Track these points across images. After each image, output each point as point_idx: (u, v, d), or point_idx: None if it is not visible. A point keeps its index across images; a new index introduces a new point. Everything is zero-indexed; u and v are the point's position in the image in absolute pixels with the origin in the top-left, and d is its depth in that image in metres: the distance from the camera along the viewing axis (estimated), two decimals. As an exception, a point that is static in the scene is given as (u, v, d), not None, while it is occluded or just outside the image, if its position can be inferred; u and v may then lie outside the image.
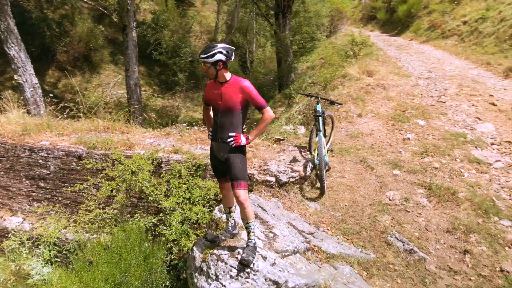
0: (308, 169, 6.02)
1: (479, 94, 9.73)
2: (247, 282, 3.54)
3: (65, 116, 7.48)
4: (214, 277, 3.70)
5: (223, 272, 3.67)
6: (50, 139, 6.64)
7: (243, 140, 3.66)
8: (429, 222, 5.51)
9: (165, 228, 5.13)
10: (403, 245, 5.00)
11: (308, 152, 6.64)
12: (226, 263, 3.73)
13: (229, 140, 3.65)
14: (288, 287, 3.64)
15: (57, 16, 14.82)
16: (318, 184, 6.11)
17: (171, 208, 5.14)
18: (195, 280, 3.91)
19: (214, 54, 3.49)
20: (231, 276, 3.63)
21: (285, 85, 13.87)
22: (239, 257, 3.77)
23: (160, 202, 5.28)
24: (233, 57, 3.68)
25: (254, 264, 3.69)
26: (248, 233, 3.78)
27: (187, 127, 7.06)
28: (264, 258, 3.87)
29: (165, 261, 4.38)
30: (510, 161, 6.92)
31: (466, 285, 4.57)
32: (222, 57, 3.52)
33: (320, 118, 6.10)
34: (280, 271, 3.76)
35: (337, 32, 19.95)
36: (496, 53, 12.96)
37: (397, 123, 8.24)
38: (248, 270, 3.65)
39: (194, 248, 4.12)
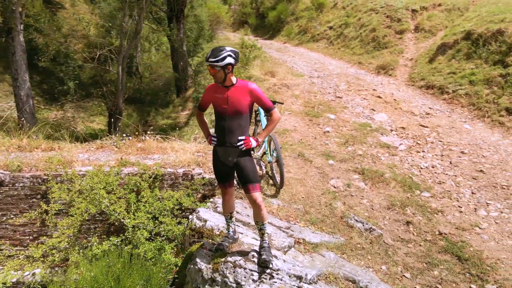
0: (263, 167, 6.15)
1: (365, 89, 11.21)
2: (275, 282, 3.50)
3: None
4: (234, 285, 3.56)
5: (244, 277, 3.56)
6: (-51, 166, 5.25)
7: (253, 142, 3.61)
8: (372, 203, 6.20)
9: (130, 246, 4.63)
10: (363, 225, 5.53)
11: (252, 152, 6.75)
12: (245, 269, 3.61)
13: (239, 144, 3.56)
14: (307, 279, 3.73)
15: None
16: (271, 181, 6.28)
17: (138, 225, 4.65)
18: (207, 294, 3.69)
19: (224, 58, 3.38)
20: (253, 280, 3.54)
21: (183, 89, 13.61)
22: (255, 260, 3.70)
23: (122, 220, 4.72)
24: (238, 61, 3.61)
25: (272, 264, 3.68)
26: (263, 234, 3.73)
27: (129, 138, 6.40)
28: (275, 256, 3.88)
29: (168, 280, 3.98)
30: (408, 143, 8.20)
31: (419, 250, 5.31)
32: (232, 61, 3.42)
33: (266, 118, 6.29)
34: (293, 266, 3.83)
35: (216, 36, 20.34)
36: (363, 54, 15.03)
37: (312, 118, 8.95)
38: (268, 271, 3.62)
39: (198, 260, 3.87)
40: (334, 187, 6.43)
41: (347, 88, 11.25)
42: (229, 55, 3.40)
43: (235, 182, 5.71)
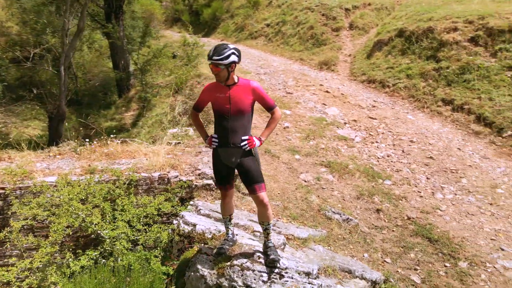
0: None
1: (312, 84, 11.52)
2: (286, 282, 3.45)
3: None
4: (244, 289, 3.44)
5: (254, 280, 3.46)
6: None
7: (256, 142, 3.54)
8: (342, 194, 6.39)
9: (108, 259, 4.26)
10: (340, 216, 5.68)
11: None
12: (253, 270, 3.51)
13: (242, 144, 3.46)
14: (313, 274, 3.74)
15: None
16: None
17: (118, 236, 4.29)
18: (213, 300, 3.53)
19: (229, 56, 3.26)
20: (264, 282, 3.46)
21: (125, 89, 12.87)
22: (261, 261, 3.61)
23: (99, 232, 4.31)
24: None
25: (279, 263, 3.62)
26: (268, 234, 3.67)
27: (89, 142, 5.84)
28: (277, 255, 3.82)
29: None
30: (362, 135, 8.60)
31: (393, 235, 5.59)
32: (236, 59, 3.32)
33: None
34: (297, 262, 3.81)
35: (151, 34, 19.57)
36: (303, 51, 15.45)
37: (269, 115, 8.97)
38: (276, 270, 3.56)
39: (199, 266, 3.68)
40: (305, 181, 6.52)
41: (296, 84, 11.48)
42: (233, 53, 3.29)
43: (210, 181, 5.58)
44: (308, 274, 3.62)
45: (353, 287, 3.93)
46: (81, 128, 9.31)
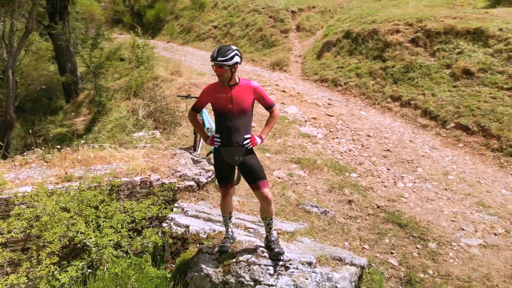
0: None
1: (268, 84, 11.78)
2: (293, 273, 3.58)
3: None
4: (252, 283, 3.52)
5: (261, 273, 3.55)
6: None
7: (258, 140, 3.64)
8: (315, 188, 6.66)
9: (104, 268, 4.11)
10: (318, 209, 5.93)
11: (195, 151, 6.58)
12: (259, 265, 3.60)
13: (245, 142, 3.54)
14: (313, 263, 3.91)
15: None
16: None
17: (106, 243, 4.13)
18: (221, 298, 3.57)
19: (233, 57, 3.34)
20: (270, 274, 3.56)
21: (74, 93, 12.17)
22: (265, 255, 3.71)
23: (85, 241, 4.11)
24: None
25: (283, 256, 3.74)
26: (270, 228, 3.78)
27: (58, 149, 5.48)
28: (277, 248, 3.93)
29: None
30: (323, 132, 8.99)
31: (367, 224, 5.94)
32: (239, 59, 3.41)
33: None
34: (296, 254, 3.96)
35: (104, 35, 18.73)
36: (254, 52, 15.69)
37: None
38: (280, 263, 3.68)
39: (203, 266, 3.69)
40: (279, 178, 6.70)
41: (252, 84, 11.64)
42: (236, 54, 3.38)
43: (192, 183, 5.56)
44: (310, 263, 3.78)
45: (346, 273, 4.13)
46: (30, 135, 8.71)
